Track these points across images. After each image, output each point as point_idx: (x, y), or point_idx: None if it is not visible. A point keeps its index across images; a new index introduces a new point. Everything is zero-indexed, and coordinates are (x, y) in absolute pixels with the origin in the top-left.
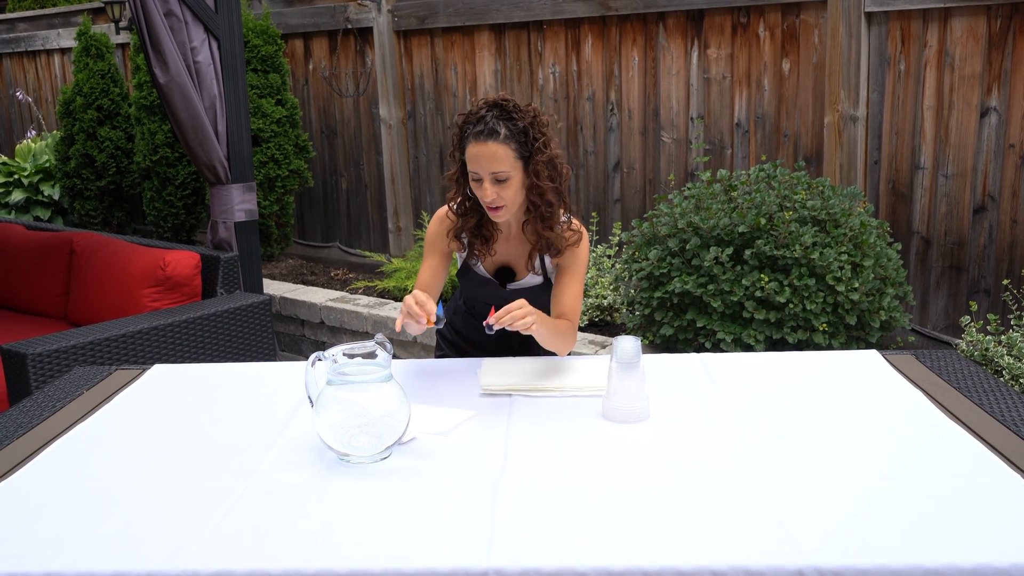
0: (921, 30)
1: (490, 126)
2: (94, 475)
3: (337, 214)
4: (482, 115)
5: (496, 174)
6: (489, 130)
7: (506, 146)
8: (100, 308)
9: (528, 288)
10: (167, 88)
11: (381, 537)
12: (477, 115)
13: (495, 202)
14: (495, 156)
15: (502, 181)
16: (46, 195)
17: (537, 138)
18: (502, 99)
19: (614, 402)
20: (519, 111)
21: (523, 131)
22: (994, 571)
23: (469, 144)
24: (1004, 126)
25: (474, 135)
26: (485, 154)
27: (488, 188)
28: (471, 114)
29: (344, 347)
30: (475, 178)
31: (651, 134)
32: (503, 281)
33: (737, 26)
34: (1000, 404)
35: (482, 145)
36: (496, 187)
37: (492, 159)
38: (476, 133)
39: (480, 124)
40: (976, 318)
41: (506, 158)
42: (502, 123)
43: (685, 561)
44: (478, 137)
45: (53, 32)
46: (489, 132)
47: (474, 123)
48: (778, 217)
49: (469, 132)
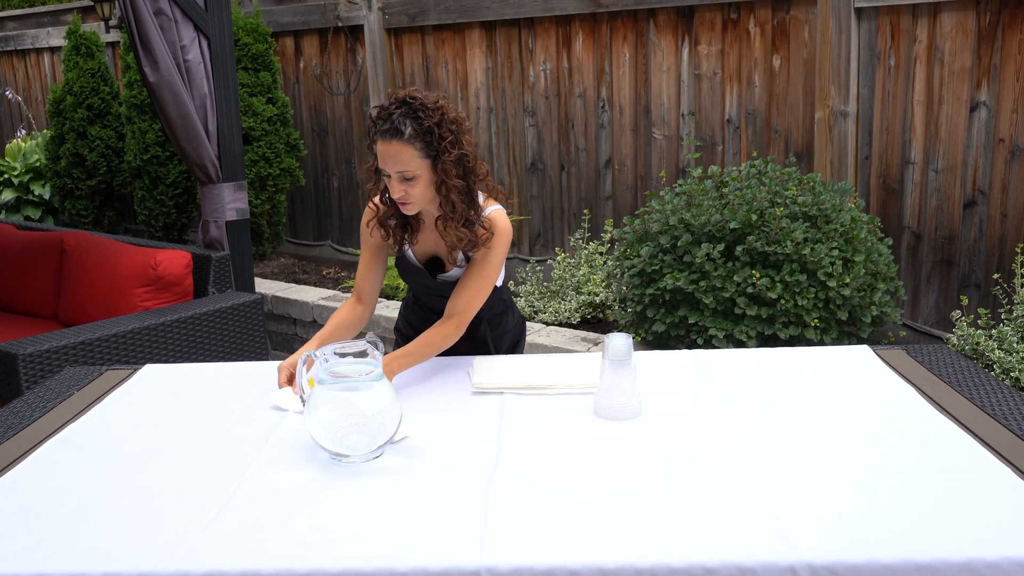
0: (911, 25)
1: (395, 125)
2: (85, 475)
3: (329, 212)
4: (390, 112)
5: (402, 172)
6: (394, 129)
7: (410, 146)
8: (91, 308)
9: (454, 280)
10: (157, 87)
11: (374, 536)
12: (386, 111)
13: (402, 199)
14: (399, 156)
15: (409, 179)
16: (36, 194)
17: (444, 136)
18: (410, 96)
19: (606, 399)
20: (425, 109)
21: (428, 130)
22: (985, 565)
23: (377, 141)
24: (994, 120)
25: (380, 132)
26: (390, 153)
27: (396, 185)
28: (382, 109)
29: (336, 346)
30: (385, 174)
31: (642, 131)
32: (433, 271)
33: (727, 22)
34: (991, 398)
35: (387, 144)
36: (403, 185)
37: (396, 158)
38: (383, 131)
39: (387, 122)
40: (967, 312)
41: (411, 158)
42: (408, 121)
43: (678, 558)
44: (384, 135)
45: (43, 31)
46: (394, 131)
47: (383, 120)
48: (769, 213)
49: (377, 129)
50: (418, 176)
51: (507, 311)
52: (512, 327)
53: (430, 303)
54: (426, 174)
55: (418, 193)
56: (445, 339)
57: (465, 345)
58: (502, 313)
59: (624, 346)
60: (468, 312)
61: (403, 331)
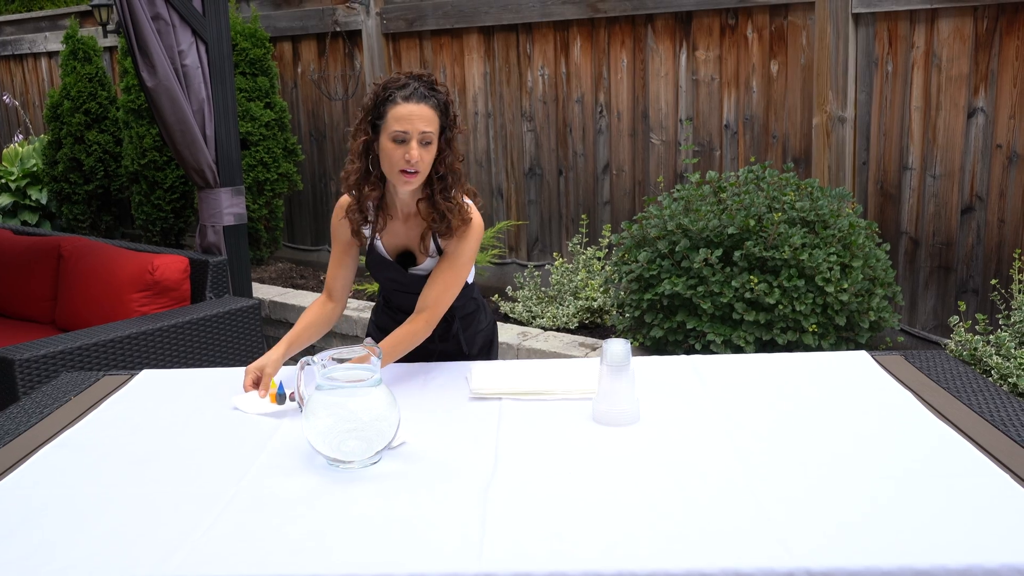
0: (908, 31)
1: (420, 90)
2: (82, 481)
3: (326, 217)
4: (406, 82)
5: (425, 134)
6: (420, 93)
7: (434, 111)
8: (88, 313)
9: (427, 273)
10: (155, 91)
11: (371, 542)
12: (400, 82)
13: (416, 165)
14: (425, 116)
15: (426, 144)
16: (33, 199)
17: (454, 114)
18: (422, 72)
19: (604, 405)
20: (440, 85)
21: (444, 104)
22: (984, 572)
23: (395, 105)
24: (991, 126)
25: (404, 97)
26: (417, 113)
27: (414, 148)
28: (392, 80)
29: (333, 351)
30: (399, 139)
31: (640, 136)
32: (404, 265)
33: (725, 28)
34: (989, 404)
35: (415, 105)
36: (421, 149)
37: (423, 119)
38: (407, 96)
39: (408, 88)
40: (964, 318)
41: (432, 121)
42: (429, 90)
43: (676, 564)
44: (409, 99)
45: (40, 35)
46: (421, 95)
47: (400, 87)
48: (767, 218)
49: (395, 95)
50: (432, 143)
51: (479, 310)
52: (485, 326)
53: (402, 303)
54: (435, 143)
55: (427, 162)
56: (414, 336)
57: (438, 345)
58: (474, 312)
59: (622, 351)
60: (439, 306)
61: (374, 336)
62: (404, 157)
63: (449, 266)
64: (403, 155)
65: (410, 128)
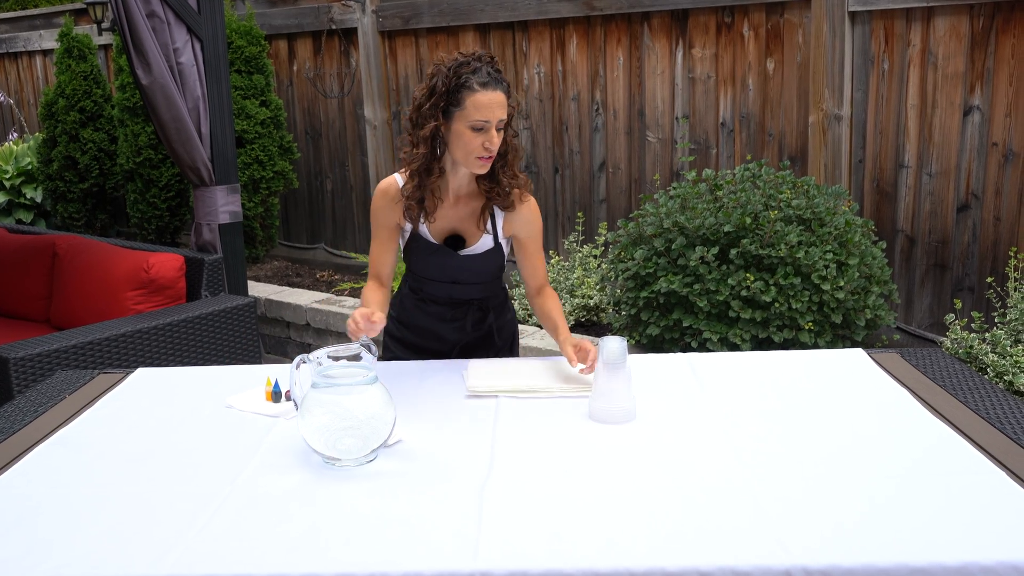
0: (904, 29)
1: (494, 76)
2: (77, 480)
3: (322, 215)
4: (479, 66)
5: (501, 121)
6: (496, 79)
7: (505, 95)
8: (83, 311)
9: (480, 253)
10: (150, 89)
11: (367, 540)
12: (472, 67)
13: (494, 150)
14: (502, 103)
15: (500, 129)
16: (28, 198)
17: (513, 93)
18: (483, 54)
19: (601, 403)
20: (499, 66)
21: (509, 85)
22: (980, 569)
23: (475, 93)
24: (987, 124)
25: (481, 84)
26: (497, 101)
27: (495, 136)
28: (463, 64)
29: (329, 349)
30: (478, 127)
31: (636, 134)
32: (454, 248)
33: (721, 26)
34: (985, 401)
35: (493, 92)
36: (499, 134)
37: (501, 106)
38: (483, 83)
39: (482, 74)
40: (960, 316)
41: (506, 107)
42: (499, 75)
43: (673, 562)
44: (487, 86)
45: (35, 33)
46: (497, 81)
47: (473, 72)
48: (763, 216)
49: (471, 81)
50: (504, 126)
51: (507, 300)
52: (510, 318)
53: (434, 293)
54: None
55: (499, 144)
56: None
57: (471, 334)
58: (503, 302)
59: (619, 350)
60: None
61: (395, 334)
62: (484, 144)
63: (536, 247)
64: (482, 143)
65: (491, 116)
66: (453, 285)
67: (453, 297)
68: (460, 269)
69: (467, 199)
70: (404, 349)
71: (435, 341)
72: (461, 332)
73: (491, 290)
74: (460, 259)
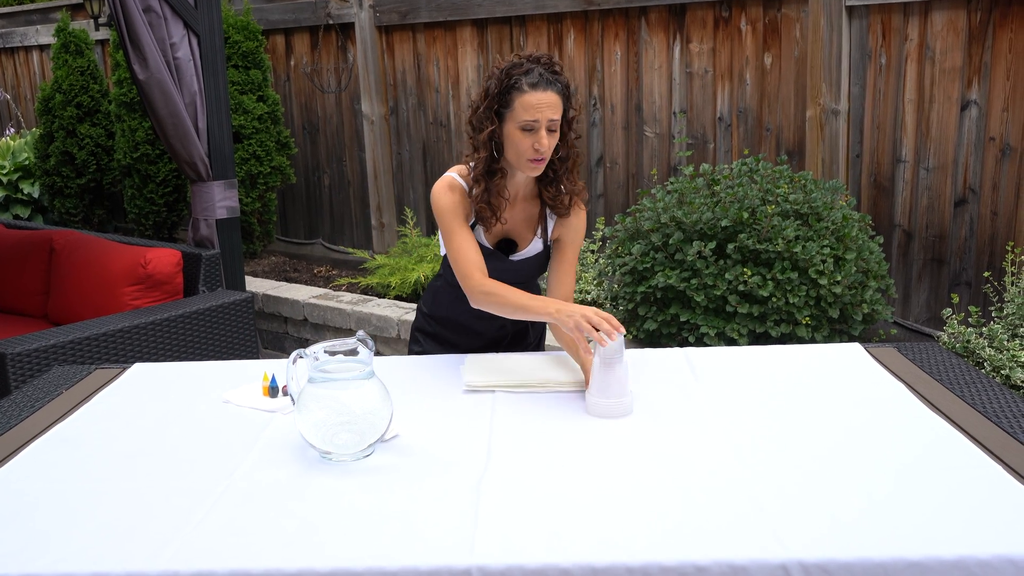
0: (902, 23)
1: (546, 77)
2: (74, 475)
3: (320, 211)
4: (530, 67)
5: (552, 122)
6: (547, 80)
7: (560, 96)
8: (80, 307)
9: (531, 257)
10: (147, 84)
11: (364, 535)
12: (523, 67)
13: (545, 153)
14: (554, 104)
15: (552, 131)
16: (26, 193)
17: (572, 94)
18: (541, 55)
19: (598, 397)
20: (559, 67)
21: (566, 87)
22: (977, 563)
23: (523, 94)
24: (984, 119)
25: (530, 84)
26: (547, 101)
27: (544, 137)
28: (516, 66)
29: (326, 344)
30: (528, 128)
31: (634, 129)
32: (506, 252)
33: (719, 20)
34: (982, 396)
35: (543, 93)
36: (550, 137)
37: (552, 107)
38: (533, 83)
39: (534, 75)
40: (957, 310)
41: (559, 107)
42: (553, 76)
43: (669, 556)
44: (536, 86)
45: (32, 28)
46: (548, 82)
47: (524, 74)
48: (760, 211)
49: (521, 82)
50: (558, 128)
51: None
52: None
53: None
54: (558, 128)
55: (553, 146)
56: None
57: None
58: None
59: (616, 344)
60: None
61: (427, 329)
62: (533, 146)
63: (571, 259)
64: (532, 144)
65: (539, 117)
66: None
67: None
68: (506, 271)
69: (524, 203)
70: (436, 344)
71: (468, 337)
72: (502, 329)
73: (529, 288)
74: (510, 263)
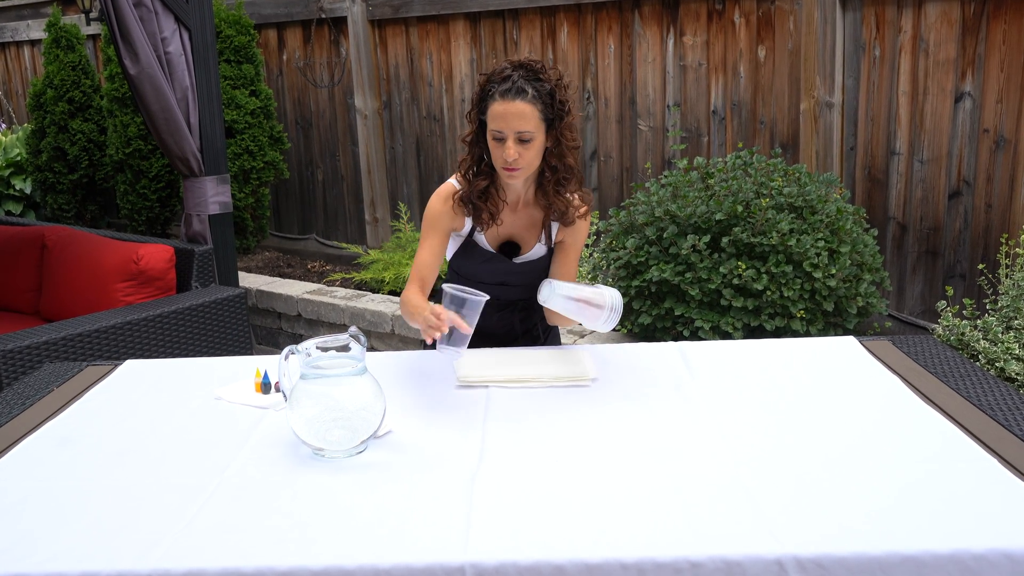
0: (896, 16)
1: (518, 85)
2: (65, 472)
3: (313, 206)
4: (508, 74)
5: (521, 133)
6: (517, 89)
7: (532, 106)
8: (73, 303)
9: (534, 260)
10: (138, 79)
11: (356, 532)
12: (503, 74)
13: (516, 163)
14: (522, 115)
15: (525, 141)
16: (17, 189)
17: (564, 102)
18: (528, 60)
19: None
20: (545, 72)
21: (550, 93)
22: (971, 556)
23: (494, 102)
24: (978, 111)
25: (501, 93)
26: (512, 112)
27: (511, 147)
28: (495, 73)
29: (318, 340)
30: (497, 137)
31: (627, 122)
32: (509, 255)
33: (712, 13)
34: (976, 388)
35: (509, 103)
36: (518, 147)
37: (519, 117)
38: (503, 91)
39: (507, 82)
40: (952, 303)
41: (532, 118)
42: (529, 84)
43: (663, 552)
44: (505, 95)
45: (22, 23)
46: (517, 91)
47: (499, 81)
48: (755, 204)
49: (494, 90)
50: (534, 138)
51: None
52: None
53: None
54: (541, 137)
55: (530, 158)
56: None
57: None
58: None
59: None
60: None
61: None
62: (502, 155)
63: (573, 253)
64: (501, 153)
65: (505, 128)
66: (501, 287)
67: (500, 298)
68: (511, 273)
69: (527, 208)
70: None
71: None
72: (510, 327)
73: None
74: (514, 266)
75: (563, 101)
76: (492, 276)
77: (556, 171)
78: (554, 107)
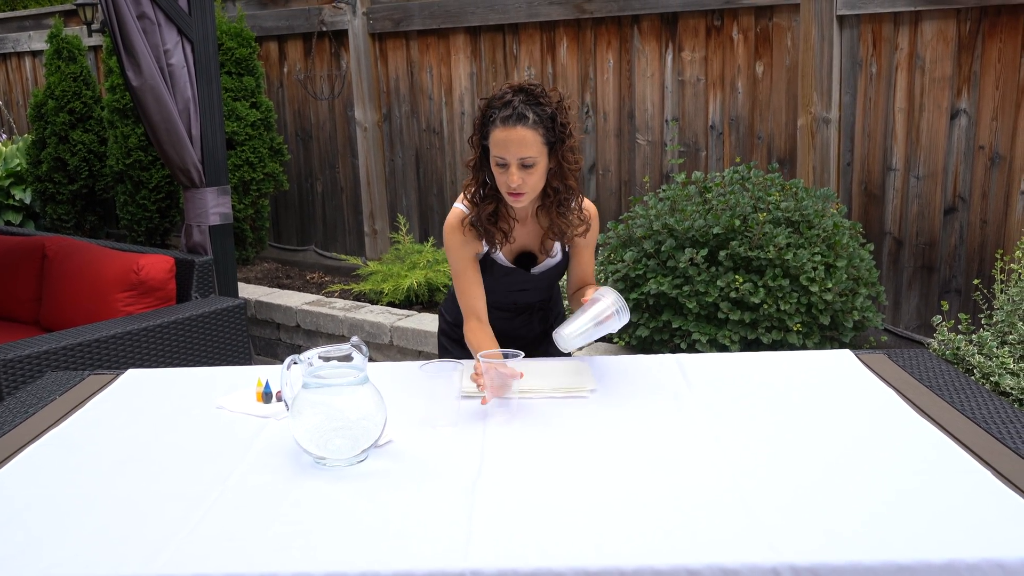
0: (892, 33)
1: (518, 111)
2: (67, 481)
3: (312, 217)
4: (508, 99)
5: (524, 159)
6: (518, 115)
7: (534, 131)
8: (73, 313)
9: (551, 268)
10: (140, 91)
11: (357, 540)
12: (503, 99)
13: (519, 188)
14: (523, 141)
15: (528, 167)
16: (17, 199)
17: (565, 124)
18: (528, 84)
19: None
20: (546, 96)
21: (551, 117)
22: (965, 566)
23: (495, 128)
24: (974, 128)
25: (502, 119)
26: (514, 139)
27: (514, 174)
28: (496, 98)
29: (320, 350)
30: (499, 163)
31: (626, 136)
32: (526, 266)
33: (711, 29)
34: (971, 402)
35: (511, 130)
36: (521, 173)
37: (520, 144)
38: (504, 118)
39: (507, 108)
40: (947, 317)
41: (534, 143)
42: (530, 108)
43: (662, 561)
44: (506, 122)
45: (24, 34)
46: (518, 117)
47: (500, 107)
48: (752, 218)
49: (495, 116)
50: (537, 163)
51: (559, 295)
52: (559, 311)
53: (501, 300)
54: (543, 161)
55: (534, 182)
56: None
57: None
58: (557, 298)
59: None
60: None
61: (452, 336)
62: (506, 181)
63: (588, 250)
64: (505, 179)
65: (507, 154)
66: (519, 292)
67: (518, 303)
68: (528, 282)
69: (534, 220)
70: (461, 349)
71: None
72: (529, 329)
73: (551, 292)
74: (531, 276)
75: (564, 124)
76: (511, 286)
77: (558, 192)
78: (555, 130)
